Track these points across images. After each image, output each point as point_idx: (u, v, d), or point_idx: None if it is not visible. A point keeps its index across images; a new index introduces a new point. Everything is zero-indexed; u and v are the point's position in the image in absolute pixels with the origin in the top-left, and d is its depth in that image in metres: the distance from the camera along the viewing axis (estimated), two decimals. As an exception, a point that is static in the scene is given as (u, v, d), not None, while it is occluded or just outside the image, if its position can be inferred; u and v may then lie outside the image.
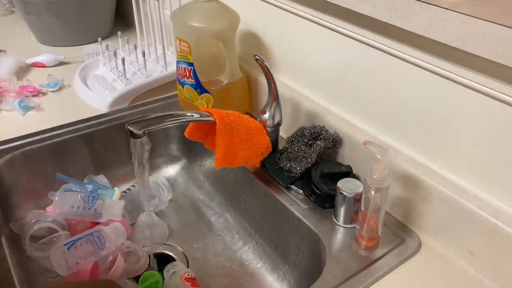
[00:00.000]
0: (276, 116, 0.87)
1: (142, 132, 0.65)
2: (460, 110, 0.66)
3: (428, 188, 0.71)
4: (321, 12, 0.82)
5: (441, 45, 0.62)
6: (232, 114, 0.78)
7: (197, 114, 0.77)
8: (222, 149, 0.77)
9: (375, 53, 0.74)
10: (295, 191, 0.83)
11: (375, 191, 0.66)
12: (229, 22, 0.92)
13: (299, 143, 0.85)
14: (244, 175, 0.91)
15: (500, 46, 0.56)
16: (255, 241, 0.91)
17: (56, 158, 0.95)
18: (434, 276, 0.68)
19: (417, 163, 0.74)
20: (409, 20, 0.64)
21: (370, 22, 0.73)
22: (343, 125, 0.84)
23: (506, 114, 0.61)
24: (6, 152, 0.91)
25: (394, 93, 0.75)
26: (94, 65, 1.19)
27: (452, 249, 0.71)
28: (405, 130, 0.76)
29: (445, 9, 0.60)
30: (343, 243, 0.74)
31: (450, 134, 0.69)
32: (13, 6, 1.60)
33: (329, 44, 0.83)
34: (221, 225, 0.96)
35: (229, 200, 1.00)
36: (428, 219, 0.73)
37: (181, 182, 1.08)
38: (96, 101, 1.06)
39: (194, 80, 0.96)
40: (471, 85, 0.63)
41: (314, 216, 0.78)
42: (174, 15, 0.94)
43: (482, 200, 0.66)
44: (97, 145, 1.00)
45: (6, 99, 1.06)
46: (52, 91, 1.12)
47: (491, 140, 0.64)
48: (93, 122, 1.01)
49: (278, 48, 0.95)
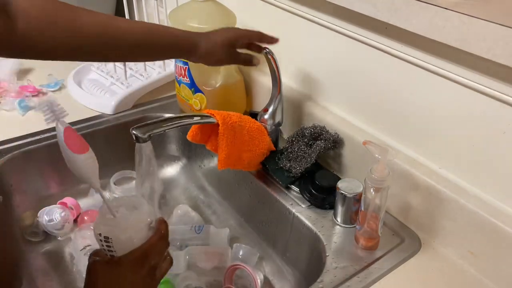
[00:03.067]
0: (277, 115, 0.87)
1: (147, 136, 0.65)
2: (460, 110, 0.66)
3: (428, 188, 0.71)
4: (321, 12, 0.82)
5: (441, 45, 0.62)
6: (234, 115, 0.78)
7: (199, 116, 0.77)
8: (225, 150, 0.77)
9: (375, 53, 0.74)
10: (295, 191, 0.83)
11: (375, 191, 0.66)
12: (224, 22, 0.92)
13: (299, 143, 0.85)
14: (244, 175, 0.91)
15: (500, 46, 0.56)
16: (255, 241, 0.91)
17: (56, 158, 0.95)
18: (434, 276, 0.68)
19: (417, 163, 0.74)
20: (409, 20, 0.64)
21: (370, 22, 0.73)
22: (343, 125, 0.84)
23: (506, 114, 0.61)
24: (6, 152, 0.91)
25: (394, 93, 0.75)
26: (87, 69, 1.18)
27: (452, 249, 0.71)
28: (405, 130, 0.76)
29: (445, 9, 0.60)
30: (343, 243, 0.74)
31: (450, 134, 0.69)
32: (13, 6, 1.59)
33: (329, 44, 0.83)
34: (220, 225, 0.95)
35: (228, 200, 1.00)
36: (428, 219, 0.73)
37: (181, 182, 1.08)
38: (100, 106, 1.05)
39: (189, 79, 0.97)
40: (471, 85, 0.63)
41: (314, 216, 0.78)
42: (171, 15, 0.95)
43: (482, 200, 0.66)
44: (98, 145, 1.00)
45: (6, 99, 1.06)
46: (52, 91, 1.12)
47: (491, 140, 0.64)
48: (94, 122, 1.01)
49: (278, 48, 0.95)
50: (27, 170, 0.93)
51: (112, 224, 0.52)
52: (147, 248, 0.52)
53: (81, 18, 0.66)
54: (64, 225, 0.90)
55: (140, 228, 0.53)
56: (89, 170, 0.53)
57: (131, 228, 0.52)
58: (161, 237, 0.54)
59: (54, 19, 0.63)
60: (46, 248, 0.89)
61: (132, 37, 0.70)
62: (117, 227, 0.52)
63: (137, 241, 0.52)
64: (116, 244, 0.51)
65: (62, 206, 0.92)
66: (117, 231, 0.51)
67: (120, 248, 0.51)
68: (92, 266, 0.52)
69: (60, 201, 0.94)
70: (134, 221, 0.53)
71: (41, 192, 0.96)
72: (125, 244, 0.52)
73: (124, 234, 0.51)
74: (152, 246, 0.53)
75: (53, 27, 0.63)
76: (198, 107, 0.99)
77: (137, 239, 0.52)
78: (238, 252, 0.84)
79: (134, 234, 0.52)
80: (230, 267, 0.78)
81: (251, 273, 0.75)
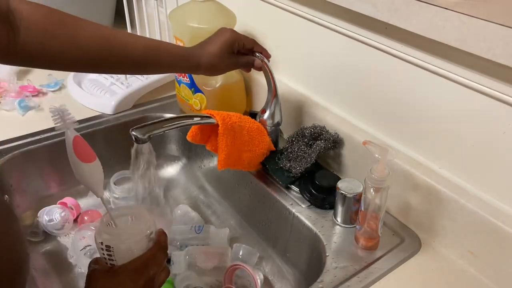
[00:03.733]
0: (276, 115, 0.87)
1: (147, 137, 0.65)
2: (460, 110, 0.66)
3: (428, 188, 0.71)
4: (321, 12, 0.82)
5: (441, 45, 0.62)
6: (234, 115, 0.78)
7: (198, 117, 0.77)
8: (225, 151, 0.77)
9: (375, 53, 0.74)
10: (295, 191, 0.83)
11: (375, 191, 0.66)
12: (224, 22, 0.92)
13: (299, 143, 0.85)
14: (244, 175, 0.91)
15: (500, 46, 0.56)
16: (255, 241, 0.91)
17: (56, 158, 0.95)
18: (434, 276, 0.68)
19: (417, 163, 0.74)
20: (409, 20, 0.64)
21: (370, 22, 0.73)
22: (343, 125, 0.84)
23: (506, 114, 0.61)
24: (6, 152, 0.91)
25: (394, 93, 0.75)
26: None
27: (452, 249, 0.71)
28: (405, 130, 0.76)
29: (445, 9, 0.60)
30: (343, 243, 0.74)
31: (450, 134, 0.69)
32: (13, 6, 1.59)
33: (329, 44, 0.83)
34: (220, 225, 0.95)
35: (228, 200, 1.00)
36: (428, 219, 0.73)
37: (181, 182, 1.08)
38: (100, 106, 1.05)
39: (189, 79, 0.97)
40: (471, 85, 0.63)
41: (314, 216, 0.78)
42: (171, 15, 0.95)
43: (482, 200, 0.66)
44: (98, 145, 1.00)
45: (6, 99, 1.06)
46: (52, 91, 1.12)
47: (491, 140, 0.64)
48: (94, 122, 1.01)
49: (278, 48, 0.95)
50: (27, 170, 0.93)
51: (113, 233, 0.53)
52: (147, 258, 0.53)
53: (82, 31, 0.66)
54: (64, 225, 0.90)
55: (141, 238, 0.53)
56: (95, 179, 0.54)
57: (132, 238, 0.53)
58: (160, 248, 0.55)
59: (55, 31, 0.63)
60: (46, 248, 0.89)
61: (132, 53, 0.71)
62: (118, 237, 0.53)
63: (137, 251, 0.53)
64: (117, 253, 0.52)
65: (62, 206, 0.92)
66: (118, 240, 0.52)
67: (120, 258, 0.52)
68: (92, 274, 0.52)
69: (60, 201, 0.94)
70: (135, 231, 0.54)
71: (41, 192, 0.96)
72: (125, 254, 0.52)
73: (125, 244, 0.52)
74: (152, 257, 0.54)
75: (54, 39, 0.63)
76: (198, 107, 0.99)
77: (137, 249, 0.53)
78: (238, 252, 0.84)
79: (135, 244, 0.53)
80: (230, 267, 0.78)
81: (251, 273, 0.75)
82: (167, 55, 0.74)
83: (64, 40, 0.64)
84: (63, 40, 0.64)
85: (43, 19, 0.62)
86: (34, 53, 0.63)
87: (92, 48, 0.67)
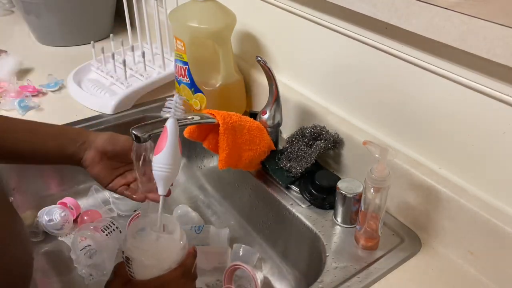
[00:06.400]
0: (276, 117, 0.87)
1: (147, 136, 0.65)
2: (460, 110, 0.66)
3: (428, 188, 0.71)
4: (321, 12, 0.82)
5: (441, 45, 0.62)
6: (234, 115, 0.78)
7: (199, 116, 0.77)
8: (226, 150, 0.77)
9: (375, 53, 0.74)
10: (295, 191, 0.83)
11: (375, 191, 0.66)
12: (224, 22, 0.92)
13: (299, 143, 0.85)
14: (244, 175, 0.91)
15: (500, 46, 0.56)
16: (255, 241, 0.91)
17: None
18: (434, 276, 0.68)
19: (417, 163, 0.74)
20: (409, 20, 0.64)
21: (370, 22, 0.73)
22: (343, 125, 0.84)
23: (506, 114, 0.61)
24: (6, 152, 0.91)
25: (394, 93, 0.75)
26: (86, 69, 1.18)
27: (452, 249, 0.71)
28: (405, 130, 0.76)
29: (445, 9, 0.60)
30: (343, 243, 0.74)
31: (450, 134, 0.69)
32: (13, 6, 1.59)
33: (329, 44, 0.83)
34: (220, 225, 0.95)
35: (228, 200, 1.00)
36: (428, 219, 0.73)
37: (181, 182, 1.08)
38: (100, 106, 1.05)
39: (189, 79, 0.96)
40: (471, 85, 0.63)
41: (314, 216, 0.78)
42: (171, 14, 0.95)
43: (482, 200, 0.66)
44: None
45: (6, 99, 1.06)
46: (52, 91, 1.12)
47: (491, 140, 0.64)
48: (94, 122, 1.01)
49: (278, 48, 0.95)
50: (27, 170, 0.93)
51: (138, 246, 0.50)
52: (166, 281, 0.50)
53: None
54: (64, 225, 0.90)
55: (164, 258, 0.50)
56: (176, 171, 0.57)
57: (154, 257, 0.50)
58: (184, 273, 0.51)
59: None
60: (46, 248, 0.89)
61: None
62: (141, 251, 0.50)
63: (156, 271, 0.50)
64: (135, 267, 0.49)
65: (62, 206, 0.92)
66: (140, 255, 0.49)
67: (139, 273, 0.50)
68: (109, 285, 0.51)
69: (60, 201, 0.94)
70: (161, 249, 0.50)
71: (41, 192, 0.96)
72: (144, 271, 0.50)
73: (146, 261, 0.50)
74: (171, 281, 0.50)
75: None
76: (198, 107, 0.99)
77: (157, 269, 0.50)
78: (238, 252, 0.84)
79: (157, 263, 0.50)
80: (230, 267, 0.78)
81: (251, 273, 0.75)
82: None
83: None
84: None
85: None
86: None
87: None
